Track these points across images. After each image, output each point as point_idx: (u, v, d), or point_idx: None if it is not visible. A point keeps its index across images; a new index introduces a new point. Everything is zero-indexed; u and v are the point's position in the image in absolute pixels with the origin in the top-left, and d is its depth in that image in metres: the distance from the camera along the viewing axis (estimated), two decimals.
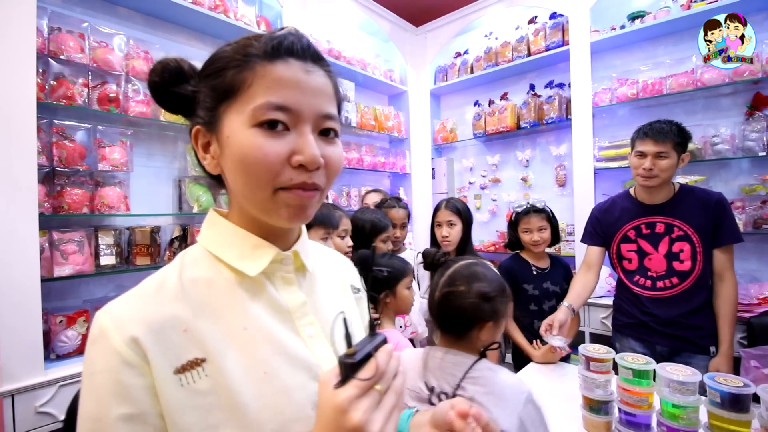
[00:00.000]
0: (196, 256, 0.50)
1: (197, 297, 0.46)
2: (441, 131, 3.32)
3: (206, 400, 0.42)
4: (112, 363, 0.40)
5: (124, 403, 0.40)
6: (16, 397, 1.29)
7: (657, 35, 2.33)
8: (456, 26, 3.10)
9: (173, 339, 0.42)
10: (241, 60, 0.45)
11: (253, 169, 0.44)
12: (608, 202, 1.79)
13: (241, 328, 0.46)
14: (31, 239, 1.34)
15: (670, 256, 1.57)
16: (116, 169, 1.66)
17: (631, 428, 1.03)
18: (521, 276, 1.80)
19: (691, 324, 1.54)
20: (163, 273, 0.48)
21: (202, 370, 0.43)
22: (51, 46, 1.53)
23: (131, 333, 0.41)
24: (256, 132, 0.43)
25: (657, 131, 1.53)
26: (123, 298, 0.45)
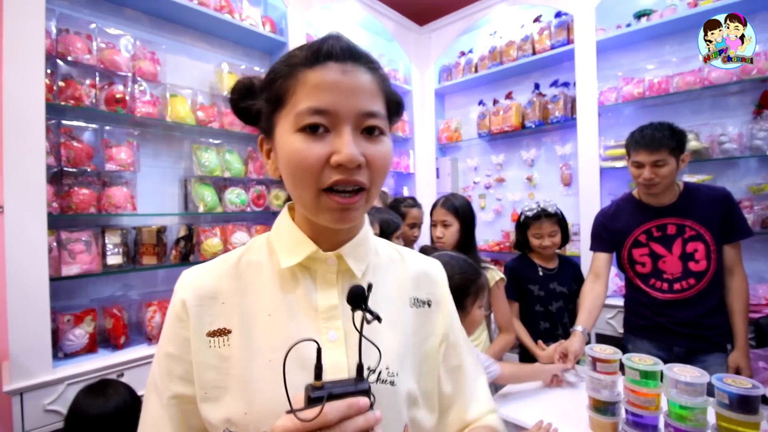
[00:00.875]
0: (261, 243, 0.57)
1: (246, 277, 0.53)
2: (445, 131, 3.32)
3: (225, 364, 0.49)
4: (171, 313, 0.52)
5: (170, 344, 0.51)
6: (25, 395, 1.30)
7: (663, 33, 2.31)
8: (460, 25, 3.09)
9: (212, 307, 0.51)
10: (287, 69, 0.48)
11: (297, 171, 0.46)
12: (613, 208, 1.74)
13: (266, 314, 0.51)
14: (39, 239, 1.36)
15: (685, 257, 1.54)
16: (123, 169, 1.67)
17: (638, 429, 1.02)
18: (527, 277, 1.78)
19: (708, 323, 1.51)
20: (232, 252, 0.57)
21: (227, 339, 0.50)
22: (59, 47, 1.54)
23: (183, 296, 0.51)
24: (298, 137, 0.46)
25: (649, 141, 1.48)
26: (197, 267, 0.55)
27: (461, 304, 1.05)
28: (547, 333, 1.74)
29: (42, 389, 1.34)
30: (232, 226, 2.01)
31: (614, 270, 2.37)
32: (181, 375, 0.50)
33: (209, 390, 0.49)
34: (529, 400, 1.32)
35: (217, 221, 2.05)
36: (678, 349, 1.56)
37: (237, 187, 2.05)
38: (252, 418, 0.46)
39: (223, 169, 2.00)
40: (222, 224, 2.00)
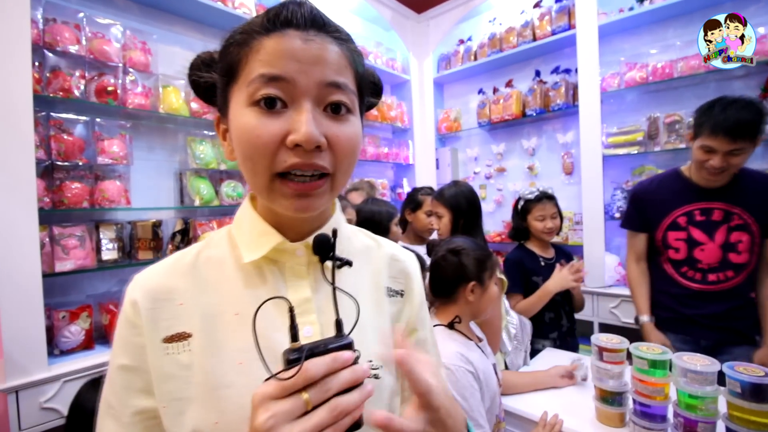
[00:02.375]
0: (221, 236, 0.52)
1: (205, 275, 0.47)
2: (445, 120, 3.27)
3: (186, 372, 0.43)
4: (122, 318, 0.45)
5: (124, 354, 0.45)
6: (21, 393, 1.28)
7: (666, 17, 2.26)
8: (459, 12, 3.03)
9: (168, 310, 0.45)
10: (241, 37, 0.43)
11: (248, 152, 0.41)
12: (654, 183, 1.60)
13: (232, 313, 0.46)
14: (30, 234, 1.32)
15: (727, 247, 1.42)
16: (116, 163, 1.64)
17: (645, 419, 1.00)
18: (531, 268, 1.74)
19: (739, 315, 1.43)
20: (187, 249, 0.51)
21: (187, 344, 0.44)
22: (46, 37, 1.50)
23: (134, 297, 0.45)
24: (251, 111, 0.41)
25: (734, 126, 1.27)
26: (151, 267, 0.49)
27: (481, 277, 1.09)
28: (553, 323, 1.72)
29: (38, 387, 1.31)
30: (229, 220, 1.95)
31: (617, 258, 2.36)
32: (142, 387, 0.44)
33: (169, 403, 0.43)
34: (535, 392, 1.30)
35: (214, 215, 2.02)
36: (705, 342, 1.48)
37: (233, 180, 2.02)
38: (225, 427, 0.42)
39: (218, 161, 1.96)
40: (219, 218, 1.97)
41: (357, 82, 0.46)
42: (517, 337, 1.50)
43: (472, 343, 1.08)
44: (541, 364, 1.49)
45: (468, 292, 1.08)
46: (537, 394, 1.29)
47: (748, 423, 0.85)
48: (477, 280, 1.08)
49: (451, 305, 1.11)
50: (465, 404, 0.94)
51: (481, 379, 1.00)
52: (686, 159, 2.15)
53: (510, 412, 1.22)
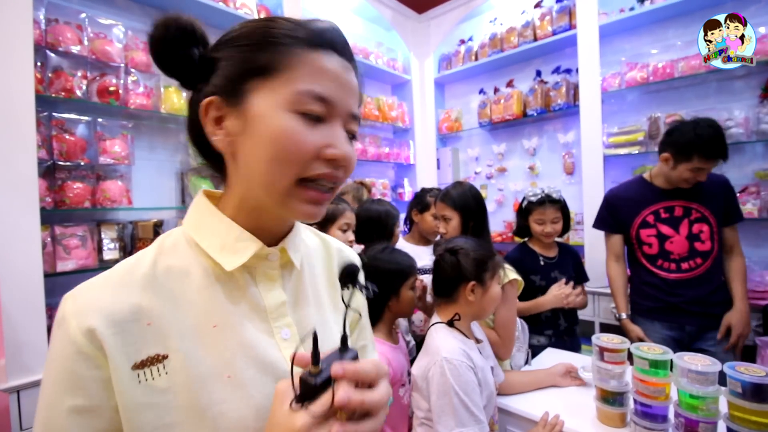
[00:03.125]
0: (176, 241, 0.47)
1: (169, 287, 0.43)
2: (445, 120, 3.27)
3: (164, 398, 0.40)
4: (67, 352, 0.38)
5: (76, 395, 0.38)
6: (22, 393, 1.28)
7: (667, 17, 2.25)
8: (460, 12, 3.03)
9: (134, 332, 0.40)
10: (285, 40, 0.43)
11: (285, 155, 0.41)
12: (621, 189, 1.80)
13: (210, 326, 0.43)
14: (32, 234, 1.33)
15: (692, 237, 1.61)
16: (118, 163, 1.64)
17: (646, 420, 1.00)
18: (528, 267, 1.74)
19: (715, 300, 1.59)
20: (137, 258, 0.44)
21: (163, 367, 0.40)
22: (48, 37, 1.50)
23: (88, 323, 0.38)
24: (294, 118, 0.42)
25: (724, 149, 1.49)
26: (90, 283, 0.42)
27: (481, 277, 1.09)
28: (549, 322, 1.72)
29: (39, 387, 1.32)
30: None
31: None
32: (104, 428, 0.39)
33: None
34: (535, 392, 1.30)
35: None
36: (690, 327, 1.62)
37: None
38: None
39: None
40: None
41: None
42: (518, 338, 1.50)
43: (471, 342, 1.09)
44: (543, 363, 1.49)
45: (468, 292, 1.08)
46: (538, 394, 1.29)
47: (749, 423, 0.85)
48: (477, 280, 1.08)
49: (452, 304, 1.12)
50: (466, 398, 0.95)
51: (479, 376, 1.02)
52: None
53: (511, 412, 1.22)
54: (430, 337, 1.10)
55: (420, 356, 1.11)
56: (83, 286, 0.42)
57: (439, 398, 0.97)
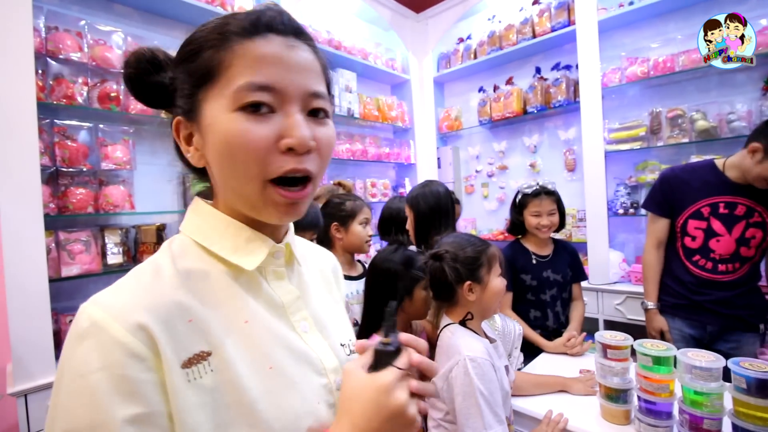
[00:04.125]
0: (184, 247, 0.45)
1: (196, 287, 0.42)
2: (445, 119, 3.27)
3: (212, 396, 0.39)
4: (115, 357, 0.35)
5: (131, 403, 0.35)
6: (29, 397, 1.29)
7: (667, 10, 2.24)
8: (458, 11, 3.03)
9: (180, 329, 0.39)
10: (218, 39, 0.42)
11: (239, 157, 0.40)
12: (687, 170, 1.63)
13: (242, 321, 0.44)
14: (36, 240, 1.34)
15: (742, 241, 1.50)
16: (119, 168, 1.65)
17: (651, 417, 0.99)
18: (519, 265, 1.71)
19: (742, 303, 1.51)
20: (155, 261, 0.43)
21: (208, 364, 0.39)
22: (49, 45, 1.51)
23: (137, 320, 0.36)
24: (238, 116, 0.40)
25: None
26: (114, 289, 0.40)
27: (475, 275, 1.06)
28: (537, 322, 1.68)
29: (46, 390, 1.33)
30: None
31: (621, 255, 2.35)
32: None
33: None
34: None
35: None
36: (711, 327, 1.56)
37: None
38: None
39: None
40: None
41: (327, 87, 0.48)
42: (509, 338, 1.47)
43: (486, 341, 1.07)
44: (542, 366, 1.48)
45: (466, 293, 1.06)
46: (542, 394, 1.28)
47: (754, 419, 0.85)
48: (472, 279, 1.06)
49: (456, 307, 1.10)
50: (490, 397, 0.93)
51: (498, 376, 1.00)
52: (690, 154, 2.15)
53: (515, 410, 1.22)
54: (446, 338, 1.05)
55: (436, 358, 1.06)
56: (105, 293, 0.39)
57: (465, 399, 0.94)
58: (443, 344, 1.05)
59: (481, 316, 1.11)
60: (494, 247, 1.11)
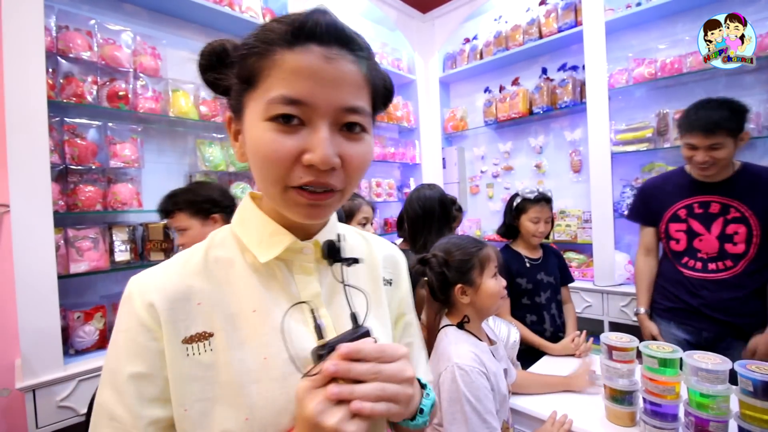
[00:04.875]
0: (225, 237, 0.52)
1: (217, 275, 0.48)
2: (451, 120, 3.27)
3: (207, 373, 0.44)
4: (132, 324, 0.44)
5: (136, 362, 0.43)
6: (37, 392, 1.31)
7: (675, 11, 2.22)
8: (464, 11, 3.03)
9: (186, 309, 0.45)
10: (262, 47, 0.42)
11: (264, 164, 0.42)
12: (660, 179, 1.70)
13: (250, 310, 0.47)
14: (46, 237, 1.36)
15: (723, 237, 1.49)
16: (128, 166, 1.67)
17: (656, 419, 0.99)
18: (514, 269, 1.69)
19: (741, 311, 1.46)
20: (192, 249, 0.50)
21: (209, 344, 0.45)
22: (59, 44, 1.53)
23: (149, 299, 0.44)
24: (269, 126, 0.41)
25: (705, 123, 1.40)
26: (152, 269, 0.48)
27: (466, 278, 1.05)
28: (534, 326, 1.66)
29: (54, 386, 1.35)
30: None
31: (627, 256, 2.34)
32: (157, 395, 0.43)
33: (192, 405, 0.43)
34: None
35: None
36: (707, 334, 1.52)
37: (242, 182, 2.04)
38: (256, 422, 0.43)
39: (227, 163, 1.98)
40: None
41: (372, 99, 0.47)
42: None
43: (483, 345, 1.06)
44: (546, 368, 1.48)
45: (459, 295, 1.05)
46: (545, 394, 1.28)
47: (761, 422, 0.84)
48: (463, 282, 1.05)
49: (453, 309, 1.10)
50: (478, 405, 0.93)
51: (491, 381, 0.99)
52: None
53: (519, 411, 1.22)
54: (440, 341, 1.06)
55: (431, 360, 1.06)
56: (147, 271, 0.48)
57: (450, 405, 0.95)
58: (438, 348, 1.06)
59: (479, 318, 1.10)
60: (489, 249, 1.09)
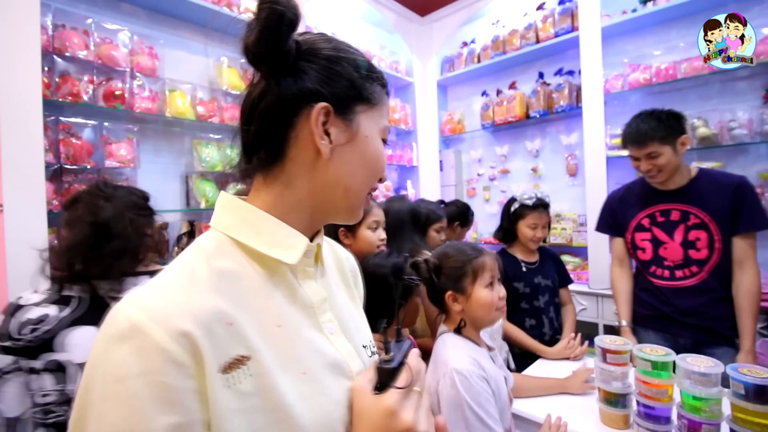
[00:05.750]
0: (219, 244, 0.45)
1: (229, 290, 0.41)
2: (448, 123, 3.28)
3: (250, 402, 0.38)
4: (156, 363, 0.34)
5: (170, 411, 0.34)
6: None
7: (670, 18, 2.25)
8: (462, 15, 3.04)
9: (220, 334, 0.38)
10: (381, 81, 0.52)
11: (376, 172, 0.52)
12: (623, 190, 1.71)
13: (274, 325, 0.43)
14: (40, 237, 1.35)
15: (686, 244, 1.51)
16: (123, 166, 1.66)
17: (650, 421, 1.00)
18: (511, 274, 1.69)
19: (714, 314, 1.46)
20: (188, 261, 0.42)
21: (247, 369, 0.39)
22: (56, 43, 1.52)
23: (181, 327, 0.35)
24: (381, 143, 0.52)
25: (635, 135, 1.48)
26: (152, 290, 0.39)
27: (458, 285, 1.04)
28: (533, 330, 1.67)
29: None
30: None
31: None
32: None
33: None
34: None
35: None
36: (684, 340, 1.53)
37: (238, 183, 2.03)
38: None
39: (224, 164, 1.98)
40: None
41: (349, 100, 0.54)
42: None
43: (482, 351, 1.05)
44: (540, 371, 1.49)
45: (451, 302, 1.05)
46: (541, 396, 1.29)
47: (752, 425, 0.85)
48: (454, 289, 1.05)
49: (449, 316, 1.10)
50: (480, 411, 0.91)
51: (492, 387, 0.97)
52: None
53: (514, 414, 1.22)
54: (438, 348, 1.05)
55: (429, 367, 1.05)
56: (145, 294, 0.38)
57: (451, 412, 0.92)
58: (436, 354, 1.05)
59: (474, 326, 1.08)
60: (486, 257, 1.07)
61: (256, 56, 0.46)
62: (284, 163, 0.47)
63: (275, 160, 0.47)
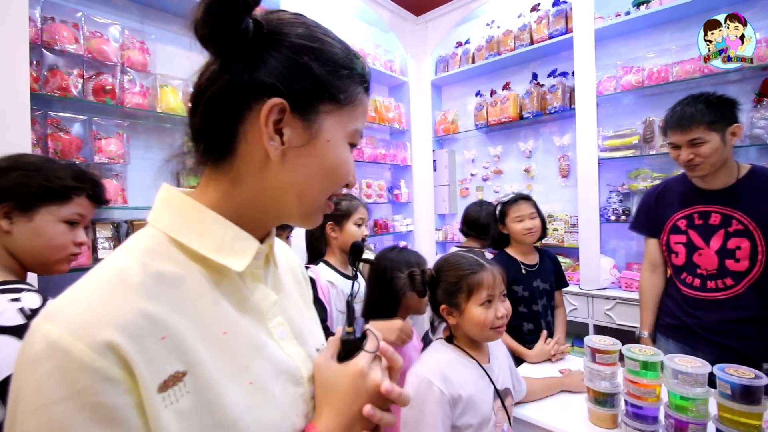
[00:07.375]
0: (158, 244, 0.40)
1: (168, 296, 0.37)
2: (442, 122, 3.29)
3: (192, 421, 0.35)
4: (82, 383, 0.30)
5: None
6: None
7: (663, 21, 2.27)
8: (457, 15, 3.05)
9: (152, 348, 0.34)
10: (355, 77, 0.45)
11: (338, 179, 0.46)
12: (661, 186, 1.56)
13: (220, 333, 0.40)
14: None
15: (724, 252, 1.33)
16: (113, 162, 1.64)
17: (637, 421, 1.00)
18: (510, 277, 1.61)
19: (742, 333, 1.31)
20: (118, 263, 0.37)
21: (184, 385, 0.35)
22: (44, 36, 1.50)
23: (104, 337, 0.31)
24: (347, 148, 0.47)
25: (679, 118, 1.31)
26: (72, 299, 0.34)
27: (452, 300, 1.01)
28: (531, 335, 1.65)
29: None
30: None
31: (612, 261, 2.37)
32: None
33: None
34: None
35: None
36: (704, 355, 1.36)
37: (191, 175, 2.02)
38: None
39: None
40: None
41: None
42: None
43: (466, 362, 1.01)
44: (529, 371, 1.49)
45: (446, 315, 1.04)
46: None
47: (738, 425, 0.86)
48: (447, 303, 1.03)
49: (446, 324, 1.10)
50: (419, 415, 0.91)
51: (461, 402, 0.94)
52: None
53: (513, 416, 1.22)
54: (427, 349, 1.08)
55: None
56: (63, 304, 0.33)
57: (408, 408, 0.93)
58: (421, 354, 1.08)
59: (466, 341, 1.05)
60: (485, 273, 1.00)
61: (203, 36, 0.39)
62: (233, 159, 0.43)
63: (223, 155, 0.43)
